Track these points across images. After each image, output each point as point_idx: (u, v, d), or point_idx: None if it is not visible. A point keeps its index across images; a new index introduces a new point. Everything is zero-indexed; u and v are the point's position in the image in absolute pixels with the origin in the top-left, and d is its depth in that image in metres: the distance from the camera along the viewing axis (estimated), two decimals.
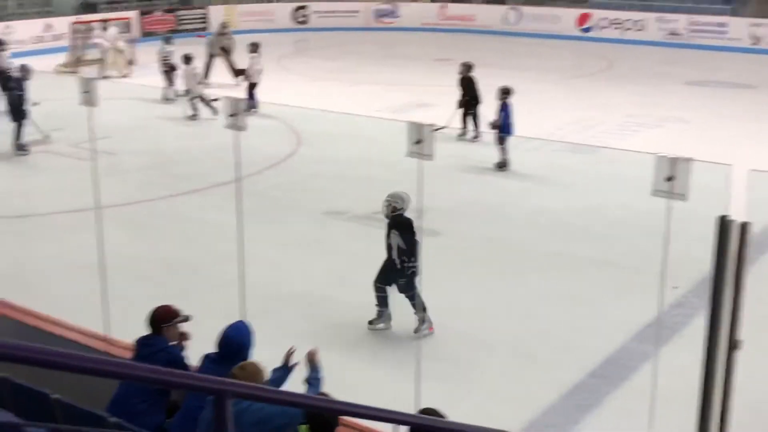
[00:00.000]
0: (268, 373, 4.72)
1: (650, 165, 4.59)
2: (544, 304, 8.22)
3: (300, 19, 28.99)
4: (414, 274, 7.22)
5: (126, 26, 22.73)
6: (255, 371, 4.46)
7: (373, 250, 9.56)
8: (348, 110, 14.39)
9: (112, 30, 20.86)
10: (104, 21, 21.19)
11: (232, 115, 5.86)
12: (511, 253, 9.50)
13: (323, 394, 4.04)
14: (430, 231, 9.15)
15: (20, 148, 13.27)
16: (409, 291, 7.31)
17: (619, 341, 7.49)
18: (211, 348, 5.04)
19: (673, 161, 4.47)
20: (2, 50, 17.63)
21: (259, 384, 4.32)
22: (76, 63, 20.90)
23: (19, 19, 23.79)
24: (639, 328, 7.61)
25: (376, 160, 12.80)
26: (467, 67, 14.59)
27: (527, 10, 28.09)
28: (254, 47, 16.87)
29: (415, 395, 5.29)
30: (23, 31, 23.09)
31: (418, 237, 7.14)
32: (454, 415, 4.28)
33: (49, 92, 15.00)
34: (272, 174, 12.38)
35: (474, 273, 8.93)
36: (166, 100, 17.21)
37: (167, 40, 18.01)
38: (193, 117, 15.68)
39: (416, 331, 7.32)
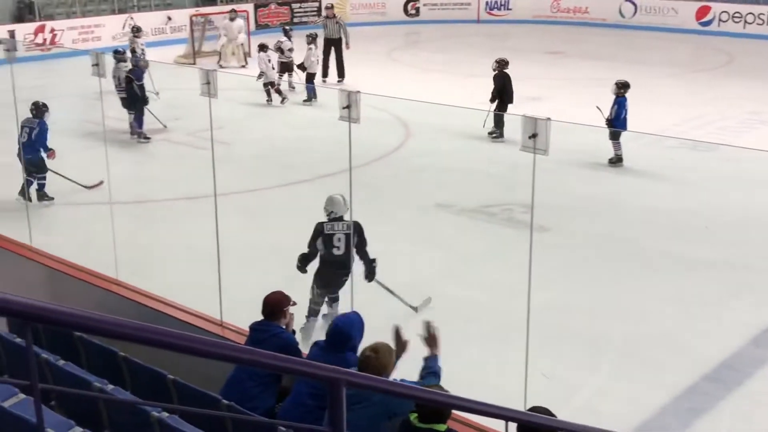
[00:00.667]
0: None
1: None
2: (658, 304, 8.01)
3: (411, 12, 29.02)
4: (299, 268, 7.35)
5: (244, 19, 23.20)
6: (388, 353, 4.47)
7: (482, 243, 9.54)
8: (458, 103, 14.27)
9: (239, 21, 21.34)
10: (231, 11, 21.67)
11: (345, 107, 5.90)
12: (624, 252, 9.28)
13: (438, 386, 4.04)
14: (539, 227, 9.02)
15: (141, 136, 13.74)
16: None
17: (735, 345, 7.24)
18: (318, 334, 5.12)
19: None
20: (137, 37, 18.29)
21: (388, 369, 4.36)
22: (194, 54, 21.50)
23: (141, 11, 24.63)
24: (757, 331, 7.34)
25: (484, 153, 12.71)
26: (503, 64, 14.31)
27: (644, 2, 27.34)
28: (311, 39, 17.27)
29: (524, 392, 5.23)
30: (145, 23, 23.86)
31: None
32: (562, 414, 4.22)
33: (168, 83, 15.47)
34: (381, 166, 12.45)
35: (584, 271, 8.77)
36: (290, 89, 17.55)
37: (285, 32, 18.32)
38: (268, 102, 16.41)
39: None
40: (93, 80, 7.46)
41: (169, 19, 24.48)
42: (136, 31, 18.76)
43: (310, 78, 17.09)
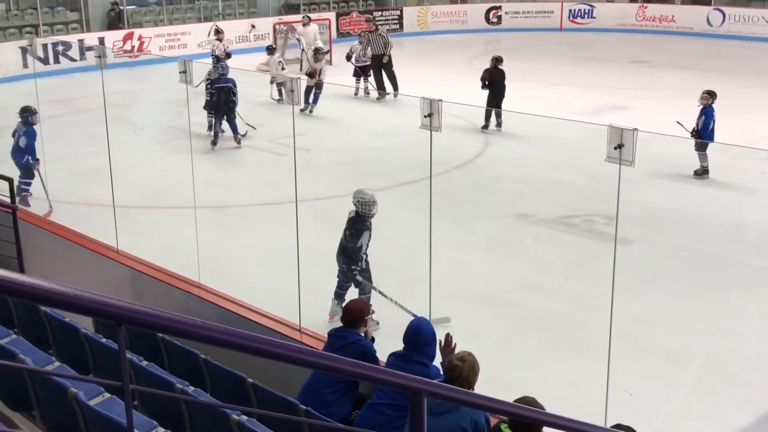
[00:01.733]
0: None
1: None
2: (745, 321, 7.78)
3: (492, 20, 28.89)
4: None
5: (324, 26, 23.45)
6: (475, 363, 4.45)
7: (561, 254, 9.41)
8: (539, 111, 14.12)
9: (313, 27, 21.58)
10: (305, 17, 21.93)
11: (427, 116, 5.89)
12: (710, 266, 9.03)
13: (529, 397, 4.00)
14: (621, 239, 8.86)
15: (237, 141, 13.93)
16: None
17: None
18: (395, 343, 5.11)
19: None
20: (219, 39, 18.57)
21: (476, 379, 4.34)
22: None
23: (225, 19, 25.11)
24: None
25: (566, 162, 12.55)
26: (498, 61, 15.21)
27: (732, 11, 26.64)
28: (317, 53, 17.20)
29: (605, 408, 5.13)
30: (229, 30, 24.32)
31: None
32: (644, 430, 4.12)
33: (251, 89, 15.71)
34: (459, 174, 12.41)
35: (668, 284, 8.57)
36: (366, 95, 17.66)
37: (360, 38, 18.47)
38: (279, 101, 16.23)
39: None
40: (180, 86, 7.62)
41: (253, 27, 24.88)
42: (216, 33, 19.00)
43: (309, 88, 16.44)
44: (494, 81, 14.99)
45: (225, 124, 13.97)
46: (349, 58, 18.26)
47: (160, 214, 10.99)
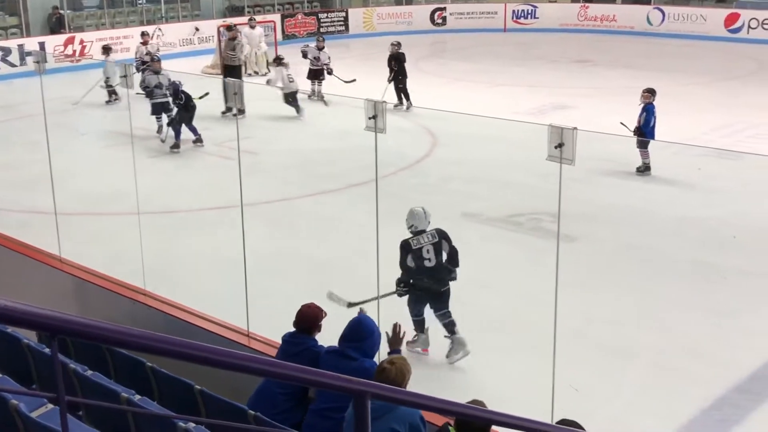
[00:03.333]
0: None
1: None
2: (687, 314, 7.93)
3: (438, 21, 29.04)
4: (401, 294, 7.15)
5: (269, 29, 23.35)
6: (405, 365, 4.45)
7: (509, 253, 9.50)
8: (485, 112, 14.27)
9: (258, 30, 21.49)
10: (251, 20, 21.82)
11: (371, 117, 5.90)
12: (653, 261, 9.20)
13: (478, 401, 4.01)
14: (565, 237, 8.98)
15: (199, 141, 14.07)
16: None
17: (766, 356, 7.14)
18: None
19: None
20: (143, 43, 18.57)
21: (405, 380, 4.35)
22: (222, 64, 21.62)
23: (169, 22, 24.86)
24: None
25: (512, 162, 12.67)
26: (396, 45, 16.72)
27: (672, 10, 27.17)
28: (277, 61, 17.04)
29: (552, 404, 5.19)
30: (173, 33, 24.13)
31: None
32: (590, 426, 4.18)
33: (196, 93, 15.53)
34: (407, 175, 12.45)
35: (612, 280, 8.71)
36: (318, 100, 17.60)
37: (317, 41, 18.39)
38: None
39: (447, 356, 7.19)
40: (121, 91, 7.53)
41: (197, 29, 24.68)
42: (142, 35, 19.06)
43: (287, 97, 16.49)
44: (400, 63, 16.55)
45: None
46: (305, 54, 18.13)
47: (104, 221, 10.84)
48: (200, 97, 14.09)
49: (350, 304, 7.06)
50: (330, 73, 17.75)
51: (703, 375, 6.92)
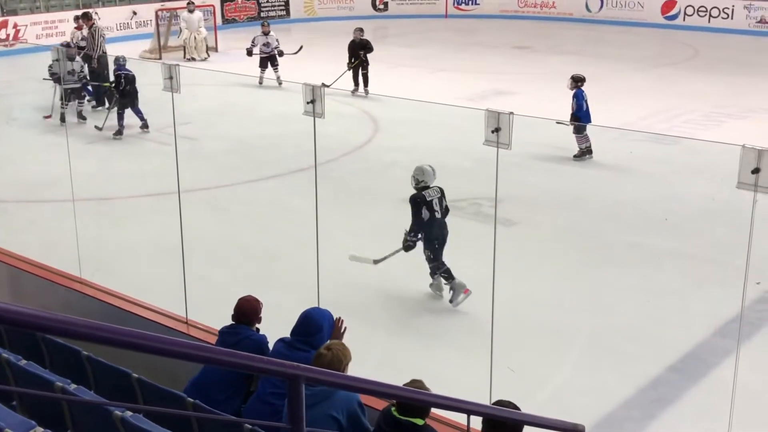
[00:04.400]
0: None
1: (736, 156, 4.45)
2: (623, 296, 8.08)
3: (380, 7, 29.00)
4: (409, 247, 7.84)
5: (208, 13, 23.07)
6: (342, 351, 4.45)
7: (450, 237, 9.54)
8: (426, 98, 14.35)
9: (197, 14, 21.22)
10: (189, 4, 21.52)
11: (309, 102, 5.88)
12: (590, 244, 9.35)
13: (417, 380, 4.03)
14: (505, 221, 9.08)
15: (146, 127, 13.91)
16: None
17: (699, 336, 7.31)
18: (282, 333, 5.09)
19: (761, 153, 4.32)
20: (77, 28, 17.79)
21: (342, 365, 4.34)
22: (160, 49, 21.33)
23: (106, 6, 24.38)
24: (720, 323, 7.41)
25: (453, 148, 12.73)
26: (360, 32, 16.84)
27: None
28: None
29: (490, 385, 5.26)
30: (110, 17, 23.65)
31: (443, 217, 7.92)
32: (528, 406, 4.24)
33: (139, 78, 15.28)
34: (349, 161, 12.43)
35: (551, 264, 8.83)
36: (279, 84, 17.48)
37: (262, 27, 18.26)
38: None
39: (450, 301, 7.80)
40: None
41: (134, 13, 24.26)
42: (76, 20, 17.43)
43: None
44: (364, 48, 16.65)
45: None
46: (250, 52, 17.96)
47: (38, 208, 10.61)
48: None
49: (375, 261, 8.05)
50: (281, 54, 17.69)
51: (639, 355, 7.06)
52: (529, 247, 9.06)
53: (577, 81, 12.55)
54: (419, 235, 7.86)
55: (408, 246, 7.89)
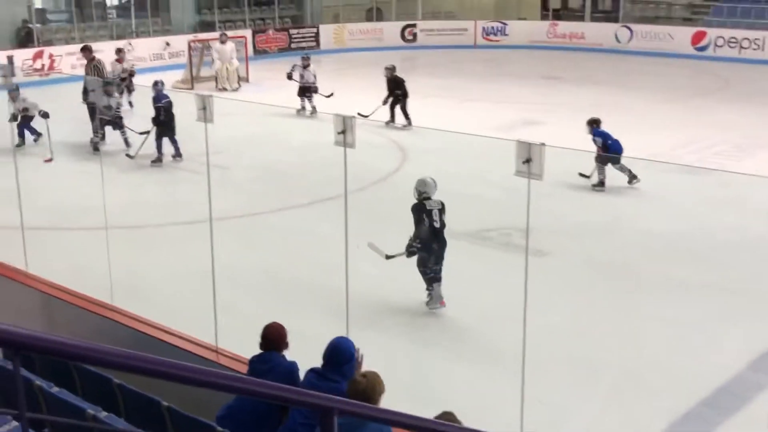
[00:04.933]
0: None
1: (767, 188, 4.41)
2: (654, 328, 7.99)
3: (408, 38, 29.17)
4: (412, 253, 8.28)
5: (240, 44, 23.33)
6: (376, 380, 4.43)
7: (479, 268, 9.52)
8: (455, 127, 14.41)
9: (230, 45, 21.48)
10: (222, 35, 21.80)
11: (340, 132, 5.92)
12: (621, 275, 9.28)
13: (448, 413, 4.01)
14: (536, 251, 9.03)
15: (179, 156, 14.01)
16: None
17: (733, 370, 7.21)
18: (313, 359, 5.09)
19: None
20: (118, 60, 18.10)
21: (376, 395, 4.32)
22: (192, 79, 21.59)
23: (139, 37, 24.75)
24: (754, 356, 7.32)
25: (482, 177, 12.74)
26: (391, 70, 16.86)
27: (639, 28, 27.53)
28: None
29: (521, 418, 5.21)
30: (144, 48, 24.03)
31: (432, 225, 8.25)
32: None
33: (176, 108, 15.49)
34: (378, 189, 12.47)
35: (581, 294, 8.77)
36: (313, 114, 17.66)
37: (302, 60, 18.43)
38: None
39: (427, 303, 8.29)
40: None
41: (168, 44, 24.59)
42: (117, 52, 18.19)
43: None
44: (399, 86, 16.68)
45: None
46: (290, 76, 18.18)
47: (72, 235, 10.73)
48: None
49: (388, 257, 8.49)
50: (315, 91, 17.86)
51: (671, 389, 6.97)
52: (559, 278, 9.00)
53: (593, 124, 12.60)
54: (419, 241, 8.30)
55: (411, 252, 8.32)
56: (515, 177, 5.21)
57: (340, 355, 4.97)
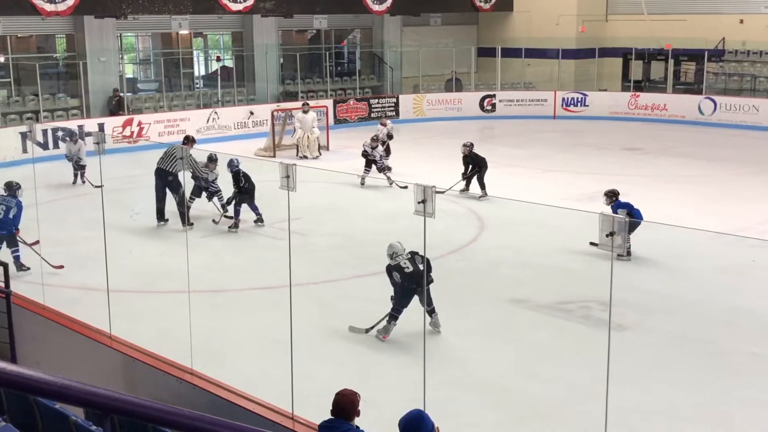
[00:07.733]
0: None
1: None
2: (743, 409, 7.69)
3: (487, 108, 29.34)
4: (393, 317, 9.15)
5: (321, 113, 23.78)
6: None
7: (557, 340, 9.36)
8: (533, 198, 14.36)
9: (311, 114, 21.93)
10: (304, 105, 22.27)
11: (420, 202, 5.95)
12: (706, 353, 8.99)
13: None
14: (617, 325, 8.83)
15: (261, 220, 14.24)
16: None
17: None
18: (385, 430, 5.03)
19: None
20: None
21: None
22: (274, 147, 22.05)
23: (225, 106, 25.50)
24: None
25: (561, 248, 12.60)
26: (468, 147, 16.96)
27: (723, 100, 27.11)
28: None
29: None
30: (228, 117, 24.72)
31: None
32: None
33: (253, 175, 15.83)
34: (455, 259, 12.43)
35: (665, 372, 8.50)
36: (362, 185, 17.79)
37: (371, 141, 18.62)
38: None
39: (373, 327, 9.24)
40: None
41: (252, 113, 25.24)
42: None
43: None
44: (477, 162, 16.77)
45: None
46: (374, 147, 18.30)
47: (154, 298, 10.96)
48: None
49: (367, 330, 9.26)
50: (381, 170, 17.80)
51: None
52: (641, 354, 8.77)
53: (611, 196, 12.47)
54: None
55: (392, 316, 9.15)
56: (593, 248, 5.14)
57: (420, 428, 4.89)
